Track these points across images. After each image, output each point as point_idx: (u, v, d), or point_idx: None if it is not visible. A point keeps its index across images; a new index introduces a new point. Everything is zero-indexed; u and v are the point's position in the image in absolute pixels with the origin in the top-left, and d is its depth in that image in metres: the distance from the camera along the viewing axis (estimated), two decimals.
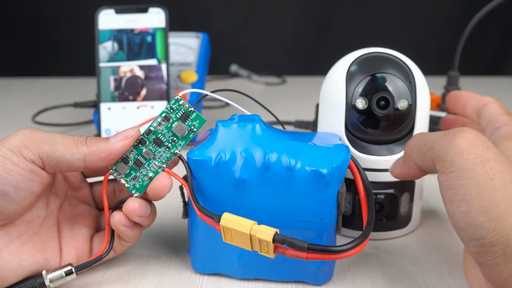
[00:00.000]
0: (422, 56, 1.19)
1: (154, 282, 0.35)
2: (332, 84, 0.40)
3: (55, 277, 0.32)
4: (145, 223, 0.35)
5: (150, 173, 0.34)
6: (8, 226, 0.32)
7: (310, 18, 1.28)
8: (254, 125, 0.34)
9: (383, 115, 0.38)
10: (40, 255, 0.33)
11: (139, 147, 0.34)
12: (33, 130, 0.32)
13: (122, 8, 0.63)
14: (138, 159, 0.34)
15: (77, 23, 1.24)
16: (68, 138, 0.32)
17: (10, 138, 0.31)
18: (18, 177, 0.30)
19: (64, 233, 0.35)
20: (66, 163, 0.31)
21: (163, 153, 0.34)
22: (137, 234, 0.35)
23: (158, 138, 0.34)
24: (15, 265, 0.32)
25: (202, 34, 0.74)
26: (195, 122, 0.34)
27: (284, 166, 0.32)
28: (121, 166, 0.34)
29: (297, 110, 0.84)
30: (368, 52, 0.40)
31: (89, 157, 0.32)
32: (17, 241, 0.32)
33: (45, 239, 0.34)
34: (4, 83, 1.07)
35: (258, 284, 0.35)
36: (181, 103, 0.34)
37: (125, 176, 0.34)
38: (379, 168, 0.39)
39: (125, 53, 0.62)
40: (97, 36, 0.62)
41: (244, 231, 0.29)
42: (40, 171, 0.31)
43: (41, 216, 0.34)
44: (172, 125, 0.34)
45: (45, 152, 0.31)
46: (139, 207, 0.33)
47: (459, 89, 0.68)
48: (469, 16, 0.68)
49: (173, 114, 0.34)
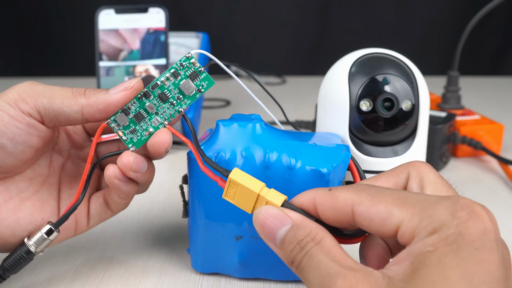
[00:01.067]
0: (422, 56, 1.19)
1: (154, 282, 0.35)
2: (333, 85, 0.40)
3: (38, 240, 0.32)
4: (141, 180, 0.33)
5: (150, 128, 0.32)
6: (9, 182, 0.32)
7: (310, 18, 1.28)
8: (255, 124, 0.34)
9: (388, 117, 0.38)
10: (38, 215, 0.33)
11: (142, 100, 0.32)
12: (31, 84, 0.31)
13: (122, 8, 0.63)
14: (140, 112, 0.32)
15: (77, 23, 1.24)
16: (66, 90, 0.31)
17: (8, 92, 0.31)
18: (15, 130, 0.30)
19: (63, 193, 0.35)
20: (64, 115, 0.31)
21: (166, 109, 0.32)
22: (132, 190, 0.33)
23: (164, 93, 0.32)
24: (13, 223, 0.32)
25: (202, 34, 0.74)
26: (203, 82, 0.33)
27: (284, 165, 0.32)
28: (121, 117, 0.32)
29: (297, 110, 0.84)
30: (368, 53, 0.40)
31: (87, 109, 0.31)
32: (16, 198, 0.32)
33: (45, 198, 0.34)
34: (4, 83, 1.07)
35: (258, 284, 0.35)
36: (192, 61, 0.32)
37: (123, 128, 0.32)
38: (384, 170, 0.39)
39: (140, 53, 0.62)
40: (97, 36, 0.62)
41: (254, 189, 0.28)
42: (38, 124, 0.31)
43: (43, 174, 0.34)
44: (180, 82, 0.32)
45: (42, 105, 0.30)
46: (133, 161, 0.32)
47: (459, 89, 0.68)
48: (469, 16, 0.68)
49: (182, 71, 0.32)
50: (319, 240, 0.24)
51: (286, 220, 0.25)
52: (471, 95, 0.92)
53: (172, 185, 0.52)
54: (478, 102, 0.88)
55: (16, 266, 0.32)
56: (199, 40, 0.74)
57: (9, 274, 0.32)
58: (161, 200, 0.49)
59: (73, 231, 0.34)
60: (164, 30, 0.62)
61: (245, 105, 0.88)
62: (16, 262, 0.32)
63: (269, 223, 0.26)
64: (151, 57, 0.62)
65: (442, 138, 0.56)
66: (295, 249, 0.24)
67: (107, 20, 0.62)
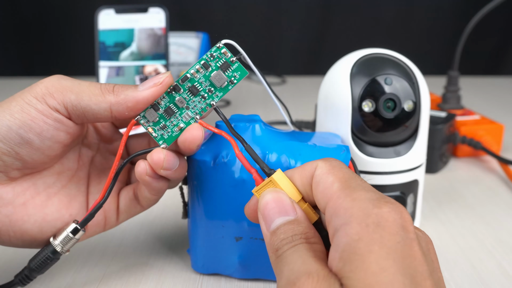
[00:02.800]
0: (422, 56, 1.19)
1: (154, 282, 0.35)
2: (334, 86, 0.40)
3: (64, 240, 0.31)
4: (172, 177, 0.32)
5: (181, 124, 0.31)
6: (36, 177, 0.31)
7: (310, 18, 1.28)
8: (254, 125, 0.34)
9: (391, 117, 0.38)
10: (66, 211, 0.32)
11: (172, 94, 0.31)
12: (59, 78, 0.30)
13: (122, 8, 0.63)
14: (170, 107, 0.31)
15: (77, 23, 1.24)
16: (95, 86, 0.30)
17: (36, 86, 0.30)
18: (43, 124, 0.29)
19: (92, 187, 0.34)
20: (92, 113, 0.30)
21: (197, 103, 0.31)
22: (163, 187, 0.32)
23: (194, 86, 0.31)
24: (39, 219, 0.31)
25: (202, 34, 0.74)
26: (235, 73, 0.31)
27: (284, 166, 0.32)
28: (150, 112, 0.31)
29: (297, 110, 0.84)
30: (369, 53, 0.40)
31: (116, 107, 0.30)
32: (43, 194, 0.31)
33: (73, 193, 0.33)
34: (4, 83, 1.07)
35: (258, 284, 0.35)
36: (223, 52, 0.31)
37: (153, 124, 0.31)
38: (387, 171, 0.39)
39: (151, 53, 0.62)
40: (97, 36, 0.62)
41: (293, 197, 0.27)
42: (66, 120, 0.30)
43: (72, 168, 0.33)
44: (211, 74, 0.31)
45: (70, 101, 0.29)
46: (164, 158, 0.30)
47: (459, 89, 0.68)
48: (469, 16, 0.68)
49: (213, 62, 0.31)
50: (312, 243, 0.24)
51: (292, 212, 0.26)
52: (471, 95, 0.92)
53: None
54: (478, 102, 0.88)
55: (42, 266, 0.31)
56: (199, 40, 0.74)
57: (36, 274, 0.32)
58: (161, 200, 0.49)
59: (102, 227, 0.34)
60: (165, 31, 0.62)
61: (245, 105, 0.88)
62: (42, 262, 0.31)
63: (275, 206, 0.26)
64: (161, 58, 0.62)
65: (442, 138, 0.56)
66: (285, 239, 0.24)
67: (107, 20, 0.62)
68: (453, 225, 0.44)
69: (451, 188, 0.52)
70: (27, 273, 0.32)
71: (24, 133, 0.29)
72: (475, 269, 0.37)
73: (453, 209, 0.47)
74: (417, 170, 0.40)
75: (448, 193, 0.51)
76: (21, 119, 0.29)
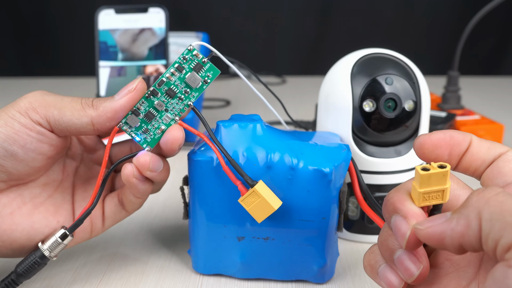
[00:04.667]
0: (422, 56, 1.19)
1: (154, 282, 0.35)
2: (335, 86, 0.40)
3: (52, 245, 0.32)
4: (157, 179, 0.33)
5: (162, 126, 0.32)
6: (22, 188, 0.32)
7: (310, 18, 1.28)
8: (255, 125, 0.34)
9: (392, 117, 0.38)
10: (53, 218, 0.33)
11: (150, 99, 0.32)
12: (42, 93, 0.31)
13: (122, 8, 0.63)
14: (150, 111, 0.32)
15: (77, 23, 1.24)
16: (76, 101, 0.31)
17: (20, 101, 0.31)
18: (26, 137, 0.30)
19: (77, 195, 0.35)
20: (75, 127, 0.31)
21: (175, 105, 0.32)
22: (148, 189, 0.33)
23: (171, 89, 0.32)
24: (27, 227, 0.32)
25: (202, 34, 0.74)
26: (208, 73, 0.32)
27: (287, 165, 0.32)
28: (132, 118, 0.32)
29: (297, 110, 0.84)
30: (369, 53, 0.40)
31: (97, 119, 0.31)
32: (30, 203, 0.32)
33: (59, 202, 0.34)
34: (4, 83, 1.07)
35: (258, 284, 0.35)
36: (194, 53, 0.32)
37: (136, 129, 0.32)
38: (388, 170, 0.39)
39: (153, 53, 0.62)
40: (97, 36, 0.62)
41: (273, 205, 0.31)
42: (49, 133, 0.31)
43: (57, 179, 0.34)
44: (185, 75, 0.32)
45: (52, 116, 0.30)
46: (150, 160, 0.32)
47: (459, 89, 0.68)
48: (469, 16, 0.68)
49: (186, 65, 0.32)
50: None
51: None
52: (471, 95, 0.92)
53: (171, 185, 0.52)
54: (478, 102, 0.88)
55: (30, 271, 0.32)
56: (199, 40, 0.74)
57: (22, 279, 0.32)
58: (160, 200, 0.49)
59: (89, 233, 0.34)
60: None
61: (245, 105, 0.88)
62: (30, 267, 0.31)
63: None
64: (162, 57, 0.62)
65: None
66: None
67: (107, 20, 0.62)
68: None
69: None
70: (14, 278, 0.32)
71: (8, 146, 0.30)
72: None
73: None
74: None
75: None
76: (5, 133, 0.30)
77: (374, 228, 0.40)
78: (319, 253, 0.34)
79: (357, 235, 0.41)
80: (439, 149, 0.26)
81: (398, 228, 0.24)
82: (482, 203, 0.21)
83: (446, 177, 0.24)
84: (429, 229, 0.22)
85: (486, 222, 0.20)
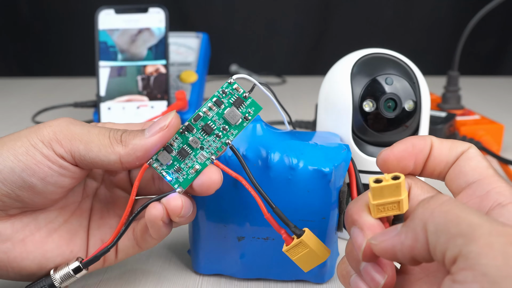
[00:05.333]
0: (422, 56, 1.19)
1: (154, 282, 0.35)
2: (335, 86, 0.40)
3: (64, 276, 0.30)
4: (183, 223, 0.31)
5: (196, 165, 0.30)
6: (37, 212, 0.30)
7: (310, 18, 1.28)
8: (255, 125, 0.34)
9: (392, 117, 0.38)
10: (66, 247, 0.31)
11: (184, 135, 0.30)
12: (68, 123, 0.29)
13: (122, 8, 0.63)
14: (183, 148, 0.30)
15: (77, 23, 1.24)
16: (104, 135, 0.29)
17: (44, 128, 0.29)
18: (47, 170, 0.28)
19: (93, 222, 0.33)
20: (101, 164, 0.29)
21: (212, 143, 0.30)
22: (168, 231, 0.31)
23: (208, 125, 0.30)
24: (39, 256, 0.30)
25: (202, 34, 0.74)
26: (249, 109, 0.30)
27: (287, 165, 0.32)
28: (163, 155, 0.29)
29: (297, 110, 0.84)
30: (369, 53, 0.40)
31: (125, 158, 0.29)
32: (44, 229, 0.31)
33: (74, 228, 0.32)
34: (4, 83, 1.07)
35: (258, 284, 0.35)
36: (234, 87, 0.30)
37: (167, 167, 0.30)
38: None
39: (153, 53, 0.62)
40: (97, 36, 0.62)
41: (322, 256, 0.28)
42: (72, 167, 0.29)
43: (76, 201, 0.32)
44: (224, 111, 0.30)
45: (77, 151, 0.28)
46: (182, 205, 0.29)
47: (459, 89, 0.68)
48: (469, 16, 0.68)
49: (225, 99, 0.30)
50: None
51: None
52: (471, 95, 0.92)
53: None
54: (478, 102, 0.88)
55: None
56: (199, 40, 0.74)
57: None
58: None
59: (101, 264, 0.33)
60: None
61: None
62: None
63: None
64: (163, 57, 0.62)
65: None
66: None
67: (107, 20, 0.62)
68: None
69: None
70: None
71: (27, 176, 0.28)
72: None
73: None
74: None
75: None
76: (25, 162, 0.28)
77: None
78: None
79: None
80: (403, 161, 0.26)
81: (355, 240, 0.24)
82: (427, 215, 0.21)
83: (399, 188, 0.24)
84: (382, 244, 0.23)
85: (432, 234, 0.20)
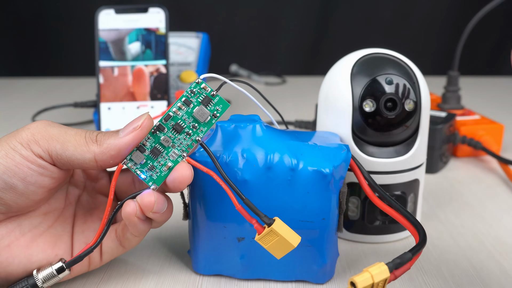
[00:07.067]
0: (422, 56, 1.19)
1: (154, 282, 0.35)
2: (335, 86, 0.40)
3: (47, 276, 0.31)
4: (159, 219, 0.32)
5: (169, 163, 0.31)
6: (21, 218, 0.31)
7: (310, 18, 1.28)
8: (255, 125, 0.34)
9: (392, 117, 0.38)
10: (51, 251, 0.32)
11: (156, 134, 0.31)
12: (46, 125, 0.31)
13: (122, 8, 0.63)
14: (156, 147, 0.31)
15: (77, 23, 1.24)
16: (80, 136, 0.30)
17: (22, 131, 0.30)
18: (27, 170, 0.29)
19: (76, 227, 0.34)
20: (77, 162, 0.30)
21: (183, 141, 0.31)
22: (147, 229, 0.32)
23: (178, 124, 0.31)
24: (24, 260, 0.31)
25: (202, 34, 0.74)
26: (218, 106, 0.31)
27: (287, 166, 0.32)
28: (137, 155, 0.31)
29: (297, 110, 0.84)
30: (369, 53, 0.40)
31: (100, 156, 0.30)
32: (28, 234, 0.31)
33: (58, 233, 0.33)
34: (4, 83, 1.07)
35: (258, 284, 0.35)
36: (202, 87, 0.31)
37: (141, 166, 0.31)
38: (388, 170, 0.39)
39: (153, 53, 0.62)
40: (97, 36, 0.62)
41: (292, 243, 0.29)
42: (50, 166, 0.30)
43: (59, 208, 0.33)
44: (193, 110, 0.31)
45: (55, 150, 0.30)
46: (155, 201, 0.31)
47: (459, 89, 0.68)
48: (469, 16, 0.68)
49: (194, 98, 0.31)
50: None
51: None
52: (471, 95, 0.92)
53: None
54: (478, 102, 0.88)
55: None
56: (199, 40, 0.74)
57: None
58: None
59: (86, 267, 0.34)
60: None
61: (245, 105, 0.88)
62: None
63: None
64: (163, 57, 0.62)
65: (442, 138, 0.56)
66: None
67: (107, 20, 0.62)
68: (453, 225, 0.44)
69: (451, 188, 0.52)
70: None
71: (8, 178, 0.29)
72: (475, 269, 0.37)
73: (453, 209, 0.47)
74: (417, 170, 0.40)
75: (448, 193, 0.51)
76: (5, 164, 0.29)
77: (374, 228, 0.40)
78: (319, 253, 0.34)
79: (357, 235, 0.41)
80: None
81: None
82: None
83: None
84: None
85: None
